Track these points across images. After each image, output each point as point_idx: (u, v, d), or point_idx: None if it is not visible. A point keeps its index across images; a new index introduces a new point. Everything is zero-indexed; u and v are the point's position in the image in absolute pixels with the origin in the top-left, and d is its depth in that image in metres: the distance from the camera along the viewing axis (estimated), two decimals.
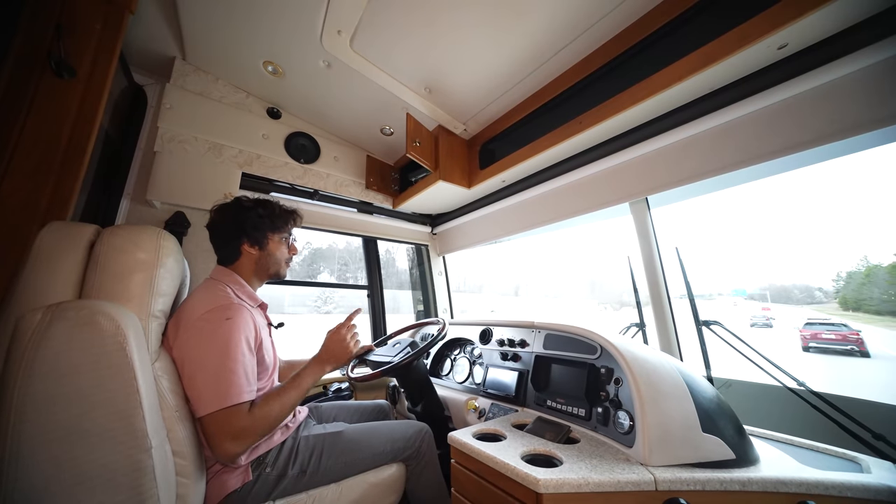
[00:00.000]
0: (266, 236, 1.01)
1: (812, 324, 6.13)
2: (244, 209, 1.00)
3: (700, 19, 1.01)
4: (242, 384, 0.81)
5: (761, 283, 44.12)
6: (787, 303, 14.21)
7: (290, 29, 1.26)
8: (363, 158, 2.03)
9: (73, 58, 0.90)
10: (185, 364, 0.80)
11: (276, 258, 1.04)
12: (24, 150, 0.85)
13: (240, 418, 0.79)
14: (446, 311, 2.42)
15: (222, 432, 0.77)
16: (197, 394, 0.79)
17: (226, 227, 0.99)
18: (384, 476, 1.06)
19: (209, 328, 0.82)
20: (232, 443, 0.78)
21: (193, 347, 0.80)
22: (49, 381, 0.57)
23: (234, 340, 0.83)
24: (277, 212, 1.04)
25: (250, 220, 0.99)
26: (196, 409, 0.79)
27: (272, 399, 0.87)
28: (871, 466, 0.83)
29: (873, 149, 0.99)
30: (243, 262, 1.00)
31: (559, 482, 0.68)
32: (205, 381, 0.79)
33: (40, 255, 0.68)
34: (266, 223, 1.01)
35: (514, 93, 1.51)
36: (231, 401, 0.79)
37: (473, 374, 1.49)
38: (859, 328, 5.21)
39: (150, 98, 1.44)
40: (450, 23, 1.19)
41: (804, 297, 14.57)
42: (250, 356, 0.87)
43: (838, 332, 6.38)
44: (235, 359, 0.82)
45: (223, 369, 0.80)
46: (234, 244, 0.99)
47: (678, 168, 1.24)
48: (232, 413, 0.79)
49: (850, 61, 0.88)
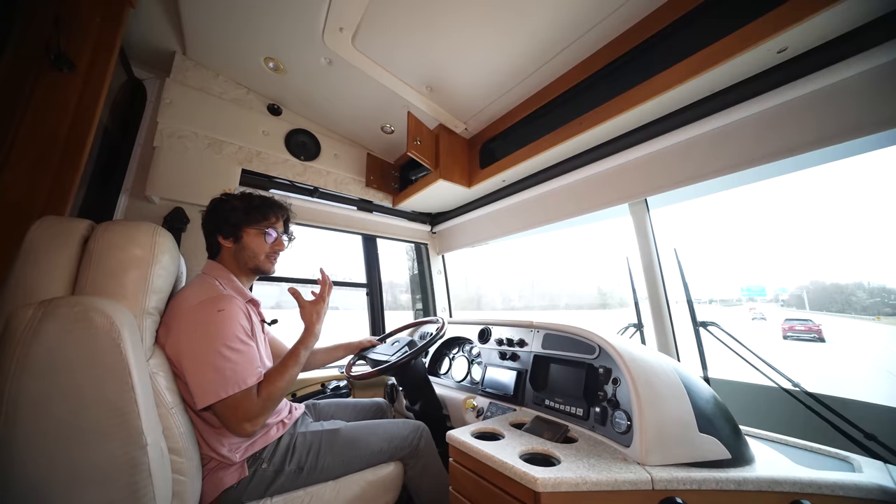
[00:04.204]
0: (240, 228, 0.99)
1: (790, 319, 9.99)
2: (222, 202, 1.01)
3: (700, 22, 1.02)
4: (245, 370, 0.83)
5: (760, 281, 47.33)
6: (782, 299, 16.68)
7: (291, 25, 1.25)
8: (363, 156, 2.03)
9: (73, 51, 0.89)
10: (184, 357, 0.80)
11: (253, 251, 1.00)
12: (22, 145, 0.84)
13: (251, 402, 0.83)
14: (445, 310, 2.42)
15: (236, 416, 0.81)
16: (200, 384, 0.79)
17: (206, 221, 1.01)
18: (382, 474, 1.06)
19: (202, 319, 0.82)
20: (248, 423, 0.82)
21: (189, 340, 0.80)
22: (42, 378, 0.56)
23: (230, 330, 0.84)
24: (255, 203, 1.02)
25: (222, 213, 0.99)
26: (203, 398, 0.79)
27: (275, 377, 0.90)
28: (863, 466, 0.84)
29: (876, 151, 0.99)
30: (224, 256, 1.01)
31: (557, 481, 0.68)
32: (207, 370, 0.79)
33: (32, 250, 0.67)
34: (239, 215, 0.99)
35: (516, 93, 1.51)
36: (238, 387, 0.81)
37: (472, 373, 1.49)
38: (820, 322, 8.83)
39: (149, 93, 1.43)
40: (452, 22, 1.19)
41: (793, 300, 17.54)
42: (249, 342, 0.88)
43: (806, 325, 10.24)
44: (234, 348, 0.83)
45: (224, 359, 0.81)
46: (211, 240, 1.01)
47: (678, 170, 1.25)
48: (241, 398, 0.82)
49: (850, 65, 0.88)
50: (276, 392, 0.88)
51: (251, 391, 0.83)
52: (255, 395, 0.84)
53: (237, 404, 0.81)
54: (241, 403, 0.81)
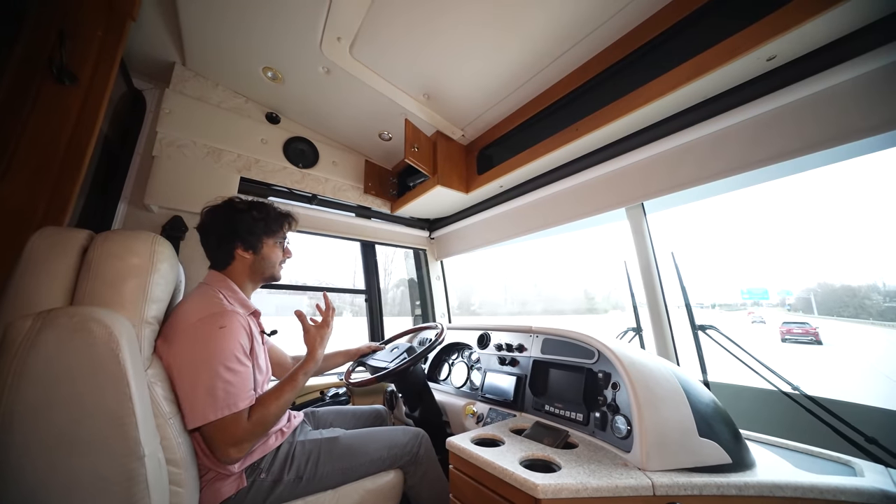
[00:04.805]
0: (261, 240, 1.00)
1: (788, 322, 10.75)
2: (238, 212, 0.97)
3: (692, 31, 1.04)
4: (238, 393, 0.81)
5: (762, 284, 46.51)
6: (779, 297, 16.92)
7: (290, 35, 1.27)
8: (362, 163, 2.04)
9: (75, 64, 0.90)
10: (181, 373, 0.79)
11: (271, 261, 1.03)
12: (23, 154, 0.85)
13: (238, 426, 0.80)
14: (444, 316, 2.42)
15: (223, 440, 0.79)
16: (191, 404, 0.78)
17: (218, 231, 0.97)
18: (381, 483, 1.05)
19: (202, 337, 0.81)
20: (233, 448, 0.80)
21: (187, 357, 0.80)
22: (40, 388, 0.56)
23: (229, 349, 0.82)
24: (273, 215, 1.03)
25: (245, 224, 0.97)
26: (192, 419, 0.78)
27: (269, 401, 0.87)
28: (864, 470, 0.84)
29: (867, 155, 1.01)
30: (236, 267, 0.99)
31: (557, 487, 0.68)
32: (200, 391, 0.78)
33: (31, 260, 0.67)
34: (261, 227, 0.99)
35: (512, 99, 1.53)
36: (228, 410, 0.79)
37: (471, 379, 1.48)
38: (817, 325, 9.51)
39: (149, 103, 1.45)
40: (448, 30, 1.21)
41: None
42: (246, 362, 0.86)
43: (803, 328, 11.10)
44: (230, 368, 0.81)
45: (218, 379, 0.79)
46: (227, 248, 0.97)
47: (673, 174, 1.26)
48: (230, 421, 0.79)
49: (838, 72, 0.90)
50: (267, 417, 0.85)
51: (241, 415, 0.81)
52: (245, 418, 0.82)
53: (224, 427, 0.78)
54: (227, 427, 0.79)
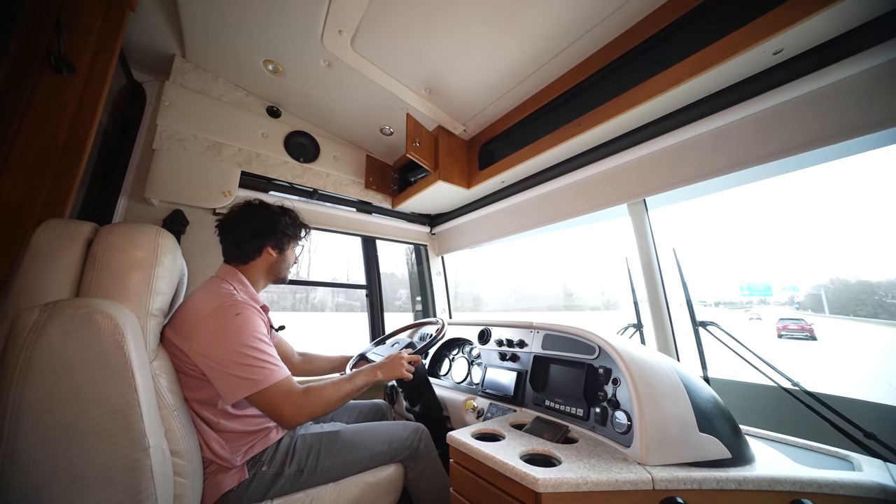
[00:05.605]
0: (288, 243, 1.11)
1: (784, 319, 11.24)
2: (275, 214, 1.08)
3: (696, 25, 1.03)
4: (273, 365, 0.86)
5: (766, 280, 46.16)
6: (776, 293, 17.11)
7: (290, 28, 1.26)
8: (363, 158, 2.03)
9: (73, 55, 0.90)
10: (213, 362, 0.82)
11: (288, 263, 1.14)
12: (21, 147, 0.84)
13: (292, 393, 0.87)
14: (445, 311, 2.42)
15: (281, 404, 0.85)
16: (230, 383, 0.81)
17: (254, 227, 1.03)
18: (382, 476, 1.06)
19: (221, 323, 0.85)
20: (293, 410, 0.86)
21: (212, 345, 0.82)
22: (46, 380, 0.56)
23: (250, 330, 0.87)
24: (297, 223, 1.15)
25: (280, 226, 1.07)
26: (234, 394, 0.81)
27: (328, 386, 0.96)
28: (863, 464, 0.85)
29: (873, 151, 1.00)
30: (259, 263, 1.05)
31: (558, 482, 0.69)
32: (236, 368, 0.81)
33: (37, 253, 0.67)
34: (291, 231, 1.11)
35: (514, 94, 1.51)
36: (269, 381, 0.83)
37: (472, 375, 1.49)
38: (812, 321, 10.59)
39: (148, 95, 1.44)
40: (451, 25, 1.19)
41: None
42: (269, 341, 0.91)
43: (799, 324, 11.67)
44: (258, 346, 0.86)
45: (250, 356, 0.83)
46: (258, 243, 1.04)
47: (675, 170, 1.26)
48: (280, 389, 0.85)
49: (845, 66, 0.89)
50: (323, 394, 0.92)
51: (287, 382, 0.87)
52: (295, 384, 0.89)
53: (275, 396, 0.84)
54: (280, 395, 0.85)
